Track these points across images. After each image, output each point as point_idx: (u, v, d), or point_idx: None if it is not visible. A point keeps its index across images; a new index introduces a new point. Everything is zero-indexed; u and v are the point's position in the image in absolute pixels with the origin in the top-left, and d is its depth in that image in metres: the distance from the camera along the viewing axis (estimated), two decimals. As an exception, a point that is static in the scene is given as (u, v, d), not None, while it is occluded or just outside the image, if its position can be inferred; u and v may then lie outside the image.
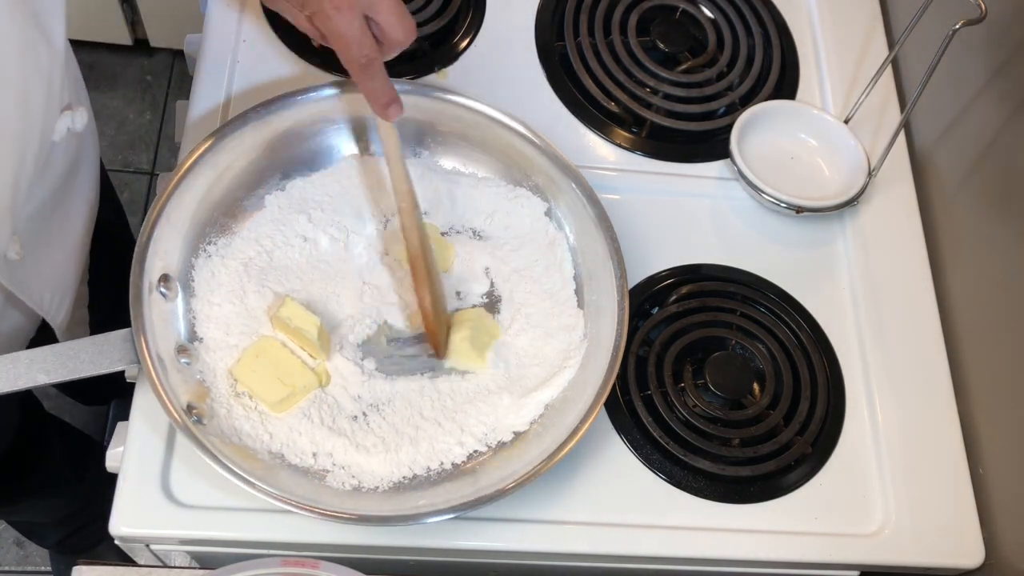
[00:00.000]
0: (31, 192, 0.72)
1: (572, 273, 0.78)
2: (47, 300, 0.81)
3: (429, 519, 0.65)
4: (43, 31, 0.66)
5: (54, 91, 0.70)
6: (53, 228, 0.80)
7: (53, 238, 0.81)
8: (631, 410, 0.76)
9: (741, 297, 0.82)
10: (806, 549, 0.73)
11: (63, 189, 0.80)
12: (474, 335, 0.74)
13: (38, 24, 0.65)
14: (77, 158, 0.82)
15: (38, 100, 0.68)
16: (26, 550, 1.46)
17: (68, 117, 0.73)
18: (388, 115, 0.70)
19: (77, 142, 0.81)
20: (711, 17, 0.95)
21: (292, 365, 0.71)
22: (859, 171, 0.85)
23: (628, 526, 0.72)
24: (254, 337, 0.73)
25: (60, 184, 0.79)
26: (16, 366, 0.64)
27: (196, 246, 0.74)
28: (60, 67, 0.70)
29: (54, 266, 0.82)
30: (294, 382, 0.70)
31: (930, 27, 0.79)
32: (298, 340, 0.72)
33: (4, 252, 0.71)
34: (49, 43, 0.67)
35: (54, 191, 0.78)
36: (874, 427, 0.78)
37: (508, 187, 0.81)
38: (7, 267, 0.72)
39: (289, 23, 0.85)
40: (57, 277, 0.82)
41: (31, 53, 0.65)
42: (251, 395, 0.70)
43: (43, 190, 0.75)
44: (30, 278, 0.77)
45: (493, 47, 0.91)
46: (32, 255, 0.75)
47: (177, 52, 1.84)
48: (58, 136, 0.73)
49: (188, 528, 0.68)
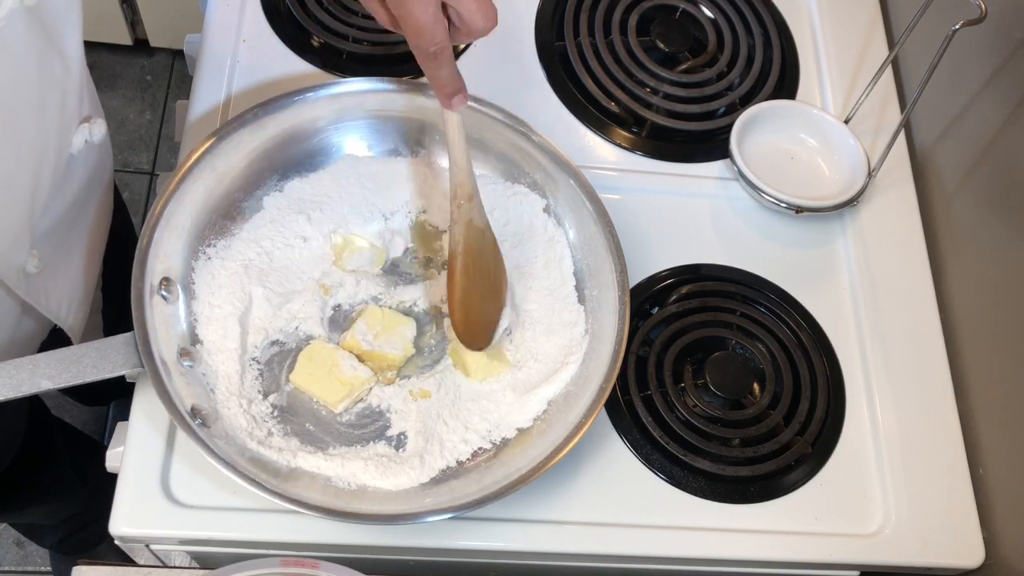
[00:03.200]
0: (50, 206, 0.72)
1: (572, 269, 0.78)
2: (64, 309, 0.81)
3: (429, 519, 0.65)
4: (57, 46, 0.66)
5: (70, 105, 0.70)
6: (72, 239, 0.80)
7: (71, 249, 0.80)
8: (631, 410, 0.76)
9: (741, 297, 0.82)
10: (806, 549, 0.73)
11: (81, 200, 0.80)
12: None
13: (52, 39, 0.65)
14: (97, 170, 0.82)
15: (53, 115, 0.68)
16: (26, 550, 1.46)
17: (86, 129, 0.73)
18: (453, 104, 0.70)
19: (96, 154, 0.81)
20: (711, 17, 0.95)
21: (345, 364, 0.73)
22: (859, 171, 0.85)
23: (628, 526, 0.72)
24: (255, 337, 0.73)
25: (79, 196, 0.78)
26: (19, 372, 0.64)
27: (196, 248, 0.74)
28: (75, 81, 0.70)
29: (71, 276, 0.81)
30: (350, 380, 0.72)
31: (930, 27, 0.79)
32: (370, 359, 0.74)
33: (23, 266, 0.70)
34: (64, 57, 0.67)
35: (73, 203, 0.77)
36: (874, 427, 0.78)
37: (506, 184, 0.81)
38: (25, 280, 0.72)
39: (289, 23, 0.85)
40: (74, 286, 0.82)
41: (47, 68, 0.65)
42: (313, 398, 0.72)
43: (62, 203, 0.75)
44: (48, 289, 0.76)
45: (493, 47, 0.91)
46: (50, 267, 0.75)
47: (177, 52, 1.84)
48: (76, 149, 0.73)
49: (188, 528, 0.68)
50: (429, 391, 0.73)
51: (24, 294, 0.72)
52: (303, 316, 0.75)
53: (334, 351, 0.73)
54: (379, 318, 0.75)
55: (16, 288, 0.70)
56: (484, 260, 0.74)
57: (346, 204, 0.79)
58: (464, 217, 0.73)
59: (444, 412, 0.72)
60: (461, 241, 0.74)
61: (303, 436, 0.71)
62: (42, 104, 0.66)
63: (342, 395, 0.72)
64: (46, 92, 0.66)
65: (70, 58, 0.68)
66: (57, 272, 0.78)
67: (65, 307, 0.80)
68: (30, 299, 0.74)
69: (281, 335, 0.75)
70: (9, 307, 0.74)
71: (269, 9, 0.90)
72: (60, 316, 0.80)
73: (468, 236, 0.74)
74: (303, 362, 0.73)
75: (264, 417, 0.71)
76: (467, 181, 0.73)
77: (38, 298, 0.75)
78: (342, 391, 0.72)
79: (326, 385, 0.72)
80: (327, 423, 0.72)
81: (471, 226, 0.74)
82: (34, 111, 0.65)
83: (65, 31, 0.67)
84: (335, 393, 0.72)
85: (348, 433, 0.72)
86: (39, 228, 0.71)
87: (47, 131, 0.68)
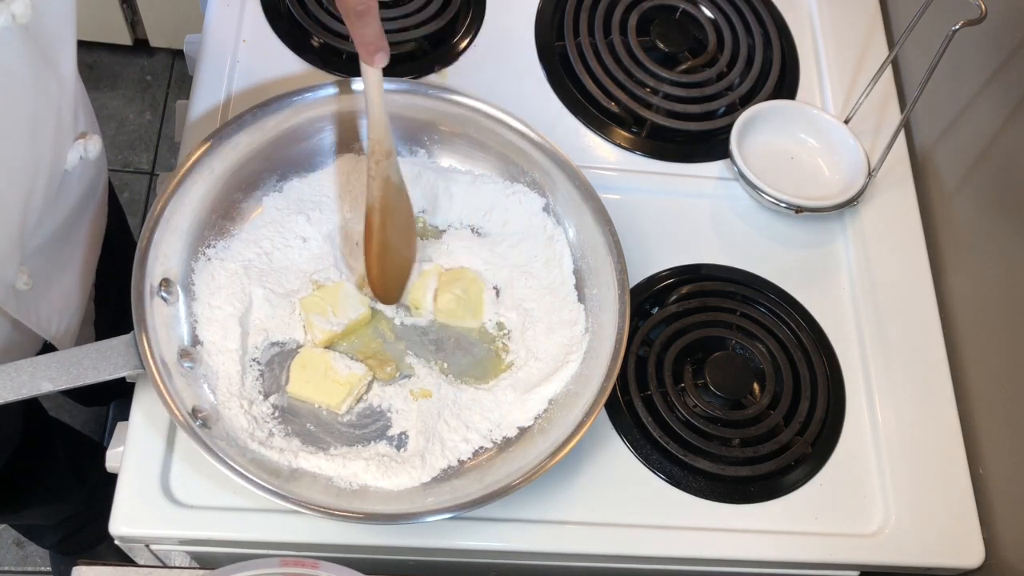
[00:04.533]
0: (42, 222, 0.71)
1: (572, 268, 0.78)
2: (55, 325, 0.80)
3: (429, 519, 0.65)
4: (52, 63, 0.66)
5: (65, 122, 0.70)
6: (64, 255, 0.80)
7: (64, 264, 0.80)
8: (631, 410, 0.76)
9: (741, 297, 0.82)
10: (806, 549, 0.73)
11: (75, 216, 0.79)
12: (462, 295, 0.76)
13: (47, 57, 0.65)
14: (91, 185, 0.81)
15: (47, 132, 0.68)
16: (26, 550, 1.46)
17: (81, 146, 0.73)
18: (375, 61, 0.70)
19: (92, 171, 0.80)
20: (711, 17, 0.95)
21: (338, 364, 0.73)
22: (859, 171, 0.85)
23: (628, 526, 0.72)
24: (255, 338, 0.73)
25: (72, 212, 0.78)
26: (20, 375, 0.64)
27: (196, 249, 0.74)
28: (70, 97, 0.70)
29: (64, 291, 0.81)
30: (347, 379, 0.72)
31: (930, 27, 0.79)
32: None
33: (12, 283, 0.70)
34: (58, 75, 0.67)
35: (66, 219, 0.77)
36: (874, 427, 0.78)
37: (506, 183, 0.81)
38: (15, 297, 0.71)
39: (289, 23, 0.85)
40: (66, 301, 0.82)
41: (41, 86, 0.65)
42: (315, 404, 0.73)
43: (55, 220, 0.74)
44: (39, 306, 0.76)
45: (493, 47, 0.91)
46: (42, 284, 0.75)
47: (177, 52, 1.84)
48: (70, 165, 0.73)
49: (188, 528, 0.68)
50: (430, 391, 0.73)
51: (13, 311, 0.72)
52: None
53: (324, 354, 0.73)
54: (319, 300, 0.75)
55: (4, 305, 0.70)
56: (400, 217, 0.76)
57: (346, 204, 0.79)
58: (382, 174, 0.74)
59: (445, 411, 0.72)
60: (379, 197, 0.74)
61: (304, 436, 0.71)
62: (36, 122, 0.65)
63: (343, 395, 0.72)
64: (40, 110, 0.66)
65: (64, 75, 0.68)
66: (49, 288, 0.77)
67: (55, 322, 0.80)
68: (19, 316, 0.73)
69: (281, 336, 0.75)
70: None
71: (269, 9, 0.90)
72: (50, 332, 0.80)
73: (386, 193, 0.74)
74: (296, 371, 0.73)
75: (265, 418, 0.71)
76: (385, 138, 0.73)
77: (28, 315, 0.75)
78: (342, 392, 0.72)
79: (325, 389, 0.72)
80: (328, 423, 0.72)
81: (388, 183, 0.74)
82: (28, 129, 0.65)
83: (59, 48, 0.67)
84: (335, 395, 0.72)
85: (349, 433, 0.72)
86: (30, 244, 0.71)
87: (41, 149, 0.67)
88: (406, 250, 0.76)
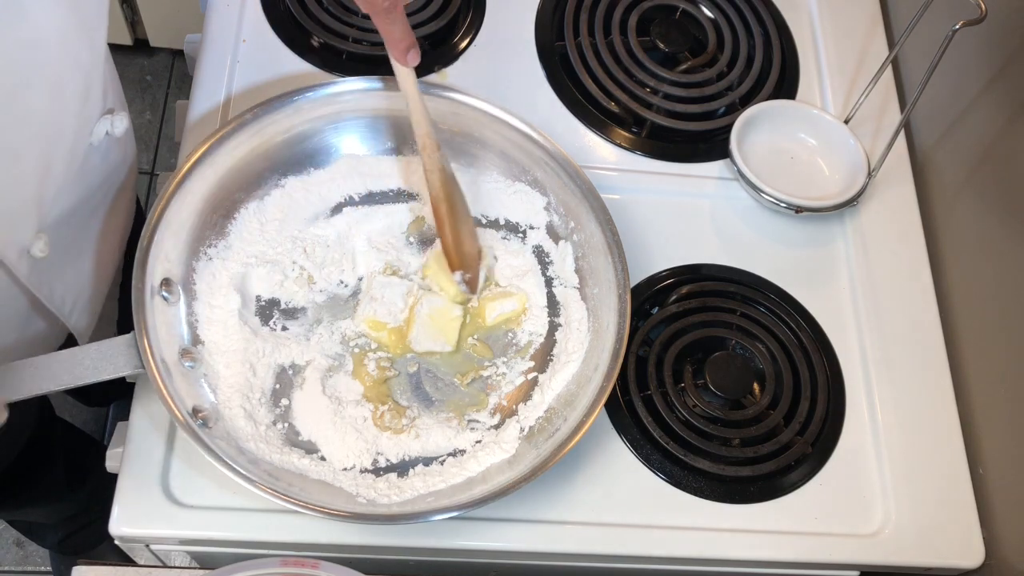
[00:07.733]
0: (63, 191, 0.71)
1: (573, 267, 0.78)
2: (69, 306, 0.80)
3: (429, 519, 0.65)
4: (87, 32, 0.67)
5: (94, 93, 0.71)
6: (84, 235, 0.80)
7: (83, 245, 0.80)
8: (631, 410, 0.76)
9: (741, 297, 0.82)
10: (806, 549, 0.73)
11: (100, 197, 0.79)
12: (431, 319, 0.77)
13: (84, 26, 0.66)
14: (117, 168, 0.81)
15: (73, 98, 0.68)
16: (26, 550, 1.46)
17: (108, 121, 0.73)
18: (407, 60, 0.71)
19: (119, 150, 0.81)
20: (711, 17, 0.95)
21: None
22: (859, 171, 0.85)
23: (628, 526, 0.72)
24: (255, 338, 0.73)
25: (97, 191, 0.78)
26: (20, 374, 0.64)
27: (196, 249, 0.74)
28: (100, 71, 0.71)
29: (80, 273, 0.81)
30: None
31: (930, 27, 0.79)
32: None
33: (27, 247, 0.70)
34: (92, 45, 0.68)
35: (90, 197, 0.77)
36: (874, 427, 0.78)
37: (507, 182, 0.81)
38: (29, 263, 0.71)
39: (289, 23, 0.85)
40: (82, 285, 0.81)
41: (71, 50, 0.65)
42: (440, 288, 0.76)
43: (76, 193, 0.75)
44: (53, 281, 0.76)
45: (493, 47, 0.91)
46: (58, 257, 0.75)
47: (177, 52, 1.84)
48: (96, 139, 0.73)
49: (188, 528, 0.68)
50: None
51: (26, 278, 0.72)
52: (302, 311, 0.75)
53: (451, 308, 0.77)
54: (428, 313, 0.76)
55: (17, 270, 0.70)
56: (461, 206, 0.77)
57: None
58: (437, 165, 0.75)
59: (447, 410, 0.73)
60: (440, 187, 0.75)
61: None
62: (61, 83, 0.66)
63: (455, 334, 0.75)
64: (65, 73, 0.66)
65: (97, 48, 0.70)
66: (65, 265, 0.77)
67: (70, 304, 0.80)
68: (32, 286, 0.73)
69: (281, 336, 0.75)
70: (14, 297, 0.74)
71: (269, 9, 0.90)
72: (65, 312, 0.80)
73: (444, 183, 0.75)
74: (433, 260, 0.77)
75: (265, 418, 0.71)
76: (432, 131, 0.74)
77: (41, 287, 0.75)
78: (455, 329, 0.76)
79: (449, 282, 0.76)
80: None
81: (444, 173, 0.75)
82: (52, 88, 0.65)
83: (96, 21, 0.68)
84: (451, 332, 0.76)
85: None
86: (50, 214, 0.71)
87: (63, 113, 0.68)
88: (473, 238, 0.78)
